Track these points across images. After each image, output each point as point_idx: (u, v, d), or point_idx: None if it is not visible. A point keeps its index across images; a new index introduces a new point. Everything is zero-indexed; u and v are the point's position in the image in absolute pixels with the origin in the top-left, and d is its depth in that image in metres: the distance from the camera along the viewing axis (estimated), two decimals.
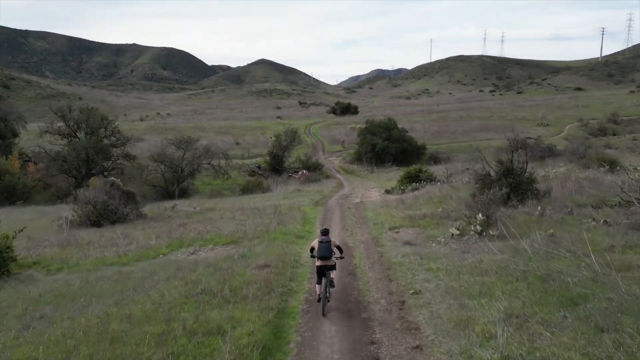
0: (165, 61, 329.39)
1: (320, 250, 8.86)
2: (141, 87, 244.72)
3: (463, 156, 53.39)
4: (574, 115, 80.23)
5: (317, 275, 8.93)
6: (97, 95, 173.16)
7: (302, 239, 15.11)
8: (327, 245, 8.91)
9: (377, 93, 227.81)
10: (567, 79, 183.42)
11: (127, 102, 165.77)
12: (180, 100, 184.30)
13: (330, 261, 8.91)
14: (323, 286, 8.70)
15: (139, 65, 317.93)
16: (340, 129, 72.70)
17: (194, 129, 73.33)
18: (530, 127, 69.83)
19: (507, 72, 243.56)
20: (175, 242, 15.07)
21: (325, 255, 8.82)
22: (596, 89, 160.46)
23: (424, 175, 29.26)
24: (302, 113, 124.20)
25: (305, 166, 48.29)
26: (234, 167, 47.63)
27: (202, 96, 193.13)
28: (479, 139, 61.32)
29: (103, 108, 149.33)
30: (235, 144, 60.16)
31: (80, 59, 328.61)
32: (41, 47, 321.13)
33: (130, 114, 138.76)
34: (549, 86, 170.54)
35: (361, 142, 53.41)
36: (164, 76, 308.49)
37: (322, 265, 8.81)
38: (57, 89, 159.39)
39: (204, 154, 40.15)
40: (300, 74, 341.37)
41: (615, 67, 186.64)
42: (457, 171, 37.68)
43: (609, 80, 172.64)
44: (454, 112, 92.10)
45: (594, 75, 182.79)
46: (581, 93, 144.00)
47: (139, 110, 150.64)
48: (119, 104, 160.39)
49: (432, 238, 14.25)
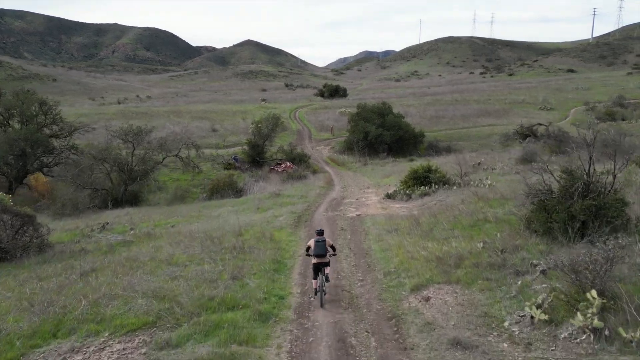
0: (148, 42, 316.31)
1: (317, 249, 9.77)
2: (122, 68, 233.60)
3: (466, 144, 47.22)
4: (576, 98, 74.36)
5: (313, 271, 9.87)
6: (74, 76, 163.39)
7: (267, 321, 8.69)
8: (322, 244, 9.80)
9: (366, 75, 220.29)
10: (558, 60, 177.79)
11: (105, 84, 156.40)
12: (162, 82, 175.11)
13: (325, 258, 9.81)
14: (319, 281, 9.61)
15: (120, 46, 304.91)
16: (329, 114, 65.97)
17: (169, 114, 66.12)
18: (532, 111, 63.89)
19: (497, 54, 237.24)
20: (50, 324, 8.61)
21: (321, 254, 9.74)
22: (588, 70, 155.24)
23: (435, 176, 22.83)
24: (289, 96, 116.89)
25: (289, 157, 41.75)
26: (207, 159, 40.88)
27: (185, 78, 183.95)
28: (479, 125, 55.22)
29: (79, 90, 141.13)
30: (212, 130, 53.22)
31: (59, 40, 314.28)
32: (18, 27, 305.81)
33: (107, 96, 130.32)
34: (540, 68, 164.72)
35: (352, 130, 46.89)
36: (147, 57, 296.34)
37: (318, 263, 9.71)
38: (29, 70, 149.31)
39: (158, 149, 33.06)
40: (287, 56, 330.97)
41: (607, 49, 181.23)
42: (467, 165, 31.34)
43: (601, 62, 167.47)
44: (449, 95, 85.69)
45: (585, 56, 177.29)
46: (574, 75, 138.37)
47: (117, 92, 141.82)
48: (97, 85, 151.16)
49: (494, 322, 8.00)
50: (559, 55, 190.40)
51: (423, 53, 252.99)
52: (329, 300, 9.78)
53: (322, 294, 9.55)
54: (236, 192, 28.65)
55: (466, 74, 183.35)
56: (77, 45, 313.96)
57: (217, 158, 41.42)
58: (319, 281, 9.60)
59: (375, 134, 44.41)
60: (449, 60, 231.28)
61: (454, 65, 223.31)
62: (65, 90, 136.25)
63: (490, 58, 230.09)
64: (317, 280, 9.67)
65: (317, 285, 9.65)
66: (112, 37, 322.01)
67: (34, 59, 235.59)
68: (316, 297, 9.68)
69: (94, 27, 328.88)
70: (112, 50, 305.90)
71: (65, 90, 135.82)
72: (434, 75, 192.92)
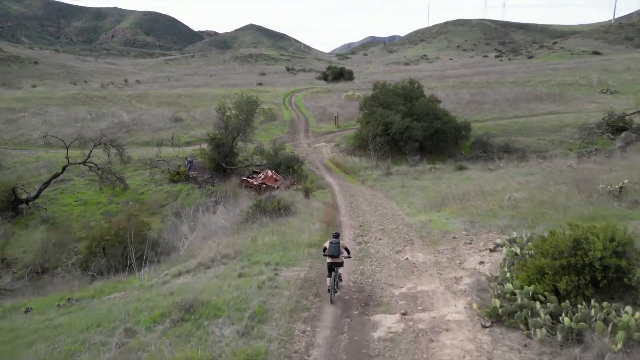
0: (148, 26, 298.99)
1: (330, 249, 9.64)
2: (117, 52, 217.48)
3: (530, 141, 31.91)
4: (637, 80, 58.38)
5: (327, 270, 9.63)
6: (60, 59, 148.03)
7: None
8: (336, 246, 9.66)
9: (372, 59, 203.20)
10: (579, 42, 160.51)
11: (93, 68, 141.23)
12: (155, 66, 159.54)
13: (338, 259, 9.62)
14: (332, 279, 9.47)
15: (119, 31, 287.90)
16: (332, 98, 50.51)
17: (131, 99, 50.99)
18: (595, 95, 48.27)
19: (510, 37, 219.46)
20: None
21: (334, 254, 9.58)
22: (615, 52, 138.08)
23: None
24: (288, 80, 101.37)
25: (272, 163, 26.73)
26: (145, 163, 25.99)
27: (180, 62, 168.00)
28: (538, 113, 39.66)
29: (61, 74, 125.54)
30: (174, 120, 38.06)
31: (58, 24, 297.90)
32: (16, 11, 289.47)
33: (92, 80, 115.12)
34: (562, 50, 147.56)
35: (366, 120, 31.73)
36: (147, 42, 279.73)
37: (331, 262, 9.55)
38: (9, 51, 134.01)
39: None
40: (291, 40, 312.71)
41: (632, 30, 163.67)
42: (590, 191, 15.94)
43: (628, 44, 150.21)
44: (476, 78, 69.86)
45: (609, 38, 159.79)
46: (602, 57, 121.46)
47: (105, 76, 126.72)
48: (83, 69, 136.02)
49: None
50: (579, 37, 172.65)
51: (432, 37, 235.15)
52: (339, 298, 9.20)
53: (332, 292, 9.46)
54: (153, 249, 13.40)
55: (479, 57, 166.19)
56: (76, 30, 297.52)
57: (160, 163, 26.34)
58: (332, 280, 9.50)
59: (400, 126, 29.21)
60: (460, 44, 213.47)
61: (464, 49, 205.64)
62: (46, 73, 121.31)
63: (503, 41, 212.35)
64: (330, 278, 9.55)
65: (329, 283, 9.53)
66: (111, 21, 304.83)
67: (32, 44, 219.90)
68: (328, 294, 9.48)
69: (93, 11, 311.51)
70: (111, 34, 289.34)
71: (45, 73, 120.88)
72: (444, 59, 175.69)
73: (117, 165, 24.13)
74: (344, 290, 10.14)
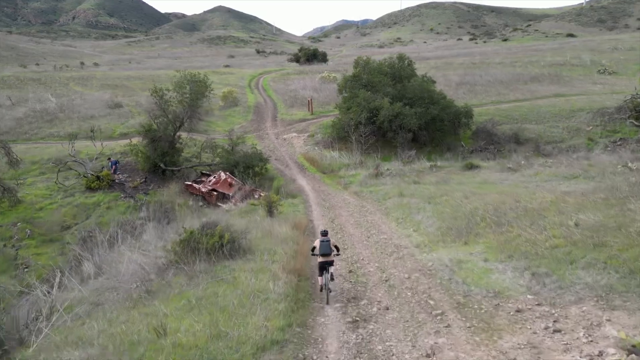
0: (111, 7, 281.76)
1: (322, 248, 9.29)
2: (77, 34, 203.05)
3: (541, 129, 26.33)
4: (630, 59, 53.86)
5: (319, 269, 9.27)
6: (11, 41, 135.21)
7: None
8: (327, 244, 9.34)
9: (345, 42, 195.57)
10: (553, 25, 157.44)
11: (47, 50, 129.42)
12: (116, 49, 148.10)
13: (329, 257, 9.31)
14: (324, 279, 9.08)
15: (81, 12, 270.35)
16: (306, 80, 43.76)
17: (70, 81, 43.10)
18: (596, 76, 43.17)
19: (483, 20, 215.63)
20: None
21: (326, 253, 9.26)
22: (589, 34, 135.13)
23: None
24: (258, 62, 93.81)
25: (227, 162, 20.21)
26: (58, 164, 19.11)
27: (144, 44, 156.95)
28: (542, 95, 34.10)
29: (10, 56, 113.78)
30: (113, 106, 30.80)
31: (15, 5, 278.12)
32: None
33: (45, 63, 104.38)
34: (536, 32, 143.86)
35: (346, 105, 25.42)
36: (111, 24, 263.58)
37: (323, 261, 9.21)
38: None
39: None
40: (262, 23, 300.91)
41: (604, 12, 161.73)
42: None
43: (601, 26, 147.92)
44: (458, 59, 64.31)
45: (582, 20, 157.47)
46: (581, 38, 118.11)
47: (60, 59, 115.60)
48: (36, 51, 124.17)
49: None
50: (552, 19, 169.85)
51: (405, 19, 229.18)
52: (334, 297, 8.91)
53: (327, 291, 9.14)
54: None
55: (453, 40, 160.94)
56: (34, 11, 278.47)
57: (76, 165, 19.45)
58: (324, 279, 9.15)
59: (390, 112, 23.05)
60: (433, 27, 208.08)
61: (438, 32, 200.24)
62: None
63: (476, 24, 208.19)
64: (322, 277, 9.23)
65: (322, 282, 9.22)
66: (72, 2, 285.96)
67: None
68: (322, 294, 9.23)
69: None
70: (72, 16, 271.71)
71: None
72: (418, 42, 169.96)
73: (4, 170, 17.20)
74: None
